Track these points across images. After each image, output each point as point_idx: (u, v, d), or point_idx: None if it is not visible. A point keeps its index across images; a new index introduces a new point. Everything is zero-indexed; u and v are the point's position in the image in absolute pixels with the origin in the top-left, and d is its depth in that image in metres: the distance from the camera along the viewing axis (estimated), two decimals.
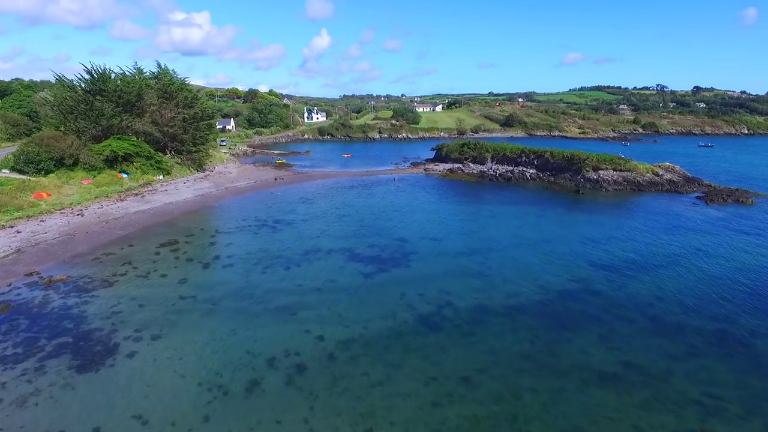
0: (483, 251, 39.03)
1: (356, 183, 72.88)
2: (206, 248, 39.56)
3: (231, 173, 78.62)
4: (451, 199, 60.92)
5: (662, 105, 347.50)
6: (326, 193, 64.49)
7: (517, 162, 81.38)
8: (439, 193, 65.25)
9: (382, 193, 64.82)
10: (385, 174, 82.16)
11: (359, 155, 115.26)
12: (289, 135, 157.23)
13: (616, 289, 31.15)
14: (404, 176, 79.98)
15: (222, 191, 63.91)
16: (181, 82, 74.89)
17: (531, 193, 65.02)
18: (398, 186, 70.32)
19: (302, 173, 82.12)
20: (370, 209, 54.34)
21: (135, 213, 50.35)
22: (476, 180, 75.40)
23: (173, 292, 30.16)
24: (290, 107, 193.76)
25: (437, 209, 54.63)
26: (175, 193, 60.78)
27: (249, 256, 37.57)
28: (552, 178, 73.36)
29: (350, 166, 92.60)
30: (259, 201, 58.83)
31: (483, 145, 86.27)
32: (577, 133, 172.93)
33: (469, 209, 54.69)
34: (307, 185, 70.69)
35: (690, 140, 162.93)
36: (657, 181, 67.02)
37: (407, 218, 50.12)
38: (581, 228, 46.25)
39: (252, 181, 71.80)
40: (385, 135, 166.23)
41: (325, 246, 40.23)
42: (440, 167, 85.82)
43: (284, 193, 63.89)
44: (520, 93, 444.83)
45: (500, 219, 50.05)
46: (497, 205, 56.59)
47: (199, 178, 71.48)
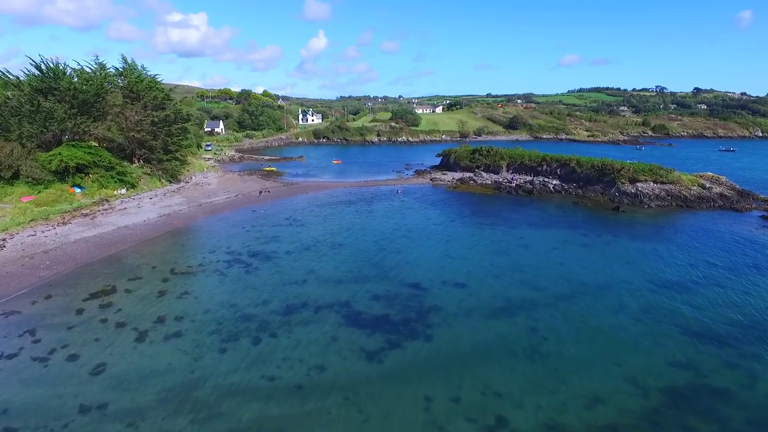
0: (528, 306, 28.32)
1: (354, 197, 62.09)
2: (150, 302, 28.59)
3: (210, 185, 67.62)
4: (468, 219, 50.19)
5: (663, 106, 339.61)
6: (319, 211, 53.64)
7: (537, 171, 70.81)
8: (452, 210, 54.52)
9: (386, 210, 54.06)
10: (387, 185, 71.44)
11: (357, 161, 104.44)
12: (282, 138, 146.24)
13: (745, 387, 20.53)
14: (409, 187, 69.28)
15: (194, 209, 52.94)
16: (151, 80, 63.76)
17: (561, 210, 54.38)
18: (403, 201, 59.58)
19: (293, 184, 71.24)
20: (372, 235, 43.56)
21: (75, 242, 39.35)
22: (492, 193, 64.70)
23: (73, 398, 19.24)
24: (284, 109, 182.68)
25: (454, 234, 43.89)
26: (136, 212, 49.76)
27: (206, 316, 26.71)
28: (580, 191, 62.81)
29: (347, 175, 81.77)
30: (236, 222, 47.93)
31: (497, 151, 75.64)
32: (586, 136, 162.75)
33: (493, 234, 43.99)
34: (296, 200, 59.81)
35: (706, 144, 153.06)
36: (706, 196, 56.53)
37: (419, 248, 39.37)
38: (643, 264, 35.58)
39: (233, 195, 60.82)
40: (384, 138, 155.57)
41: (314, 297, 29.39)
42: (449, 177, 75.13)
43: (269, 212, 53.00)
44: (518, 94, 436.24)
45: (536, 249, 39.36)
46: (526, 228, 45.92)
47: (170, 192, 60.45)
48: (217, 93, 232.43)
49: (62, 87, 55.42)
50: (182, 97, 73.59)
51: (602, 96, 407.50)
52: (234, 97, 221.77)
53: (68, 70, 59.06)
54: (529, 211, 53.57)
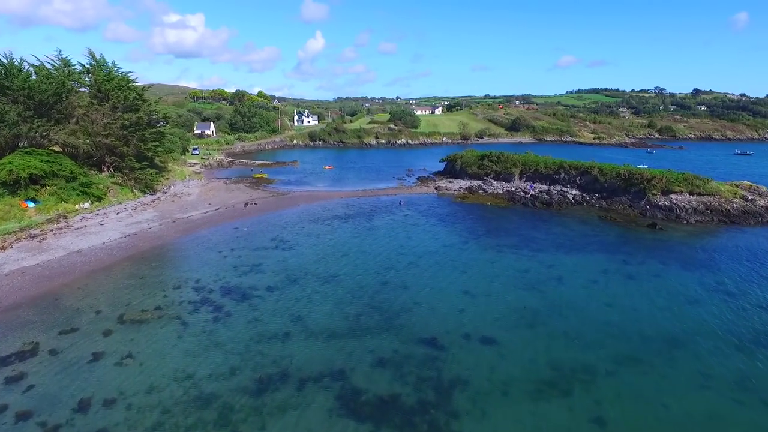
0: (583, 376, 20.97)
1: (351, 209, 54.73)
2: (77, 373, 21.10)
3: (190, 195, 60.06)
4: (483, 239, 42.87)
5: (663, 108, 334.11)
6: (311, 228, 46.26)
7: (553, 180, 63.60)
8: (464, 227, 47.24)
9: (387, 227, 46.73)
10: (388, 194, 64.10)
11: (354, 166, 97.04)
12: (275, 141, 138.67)
13: None
14: (412, 198, 61.97)
15: (166, 227, 45.44)
16: (122, 78, 56.10)
17: (588, 227, 47.16)
18: (407, 214, 52.25)
19: (283, 194, 63.78)
20: (373, 262, 36.19)
21: (8, 274, 31.81)
22: (505, 205, 57.41)
23: None
24: (279, 110, 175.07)
25: (470, 261, 36.55)
26: (97, 231, 42.22)
27: (149, 399, 19.23)
28: (604, 203, 55.61)
29: (343, 183, 74.38)
30: (213, 245, 40.49)
31: (508, 157, 68.36)
32: (591, 138, 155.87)
33: (516, 261, 36.69)
34: (286, 214, 52.37)
35: (717, 146, 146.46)
36: (751, 210, 49.41)
37: (431, 282, 32.06)
38: (712, 306, 28.31)
39: (214, 209, 53.30)
40: (383, 140, 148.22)
41: (298, 362, 21.96)
42: (455, 185, 67.84)
43: (254, 229, 45.59)
44: (516, 95, 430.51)
45: (572, 282, 32.11)
46: (554, 252, 38.63)
47: (142, 205, 52.89)
48: (210, 94, 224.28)
49: (16, 85, 47.80)
50: (158, 98, 65.75)
51: (601, 97, 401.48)
52: (228, 97, 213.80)
53: (25, 65, 51.49)
54: (552, 229, 46.32)
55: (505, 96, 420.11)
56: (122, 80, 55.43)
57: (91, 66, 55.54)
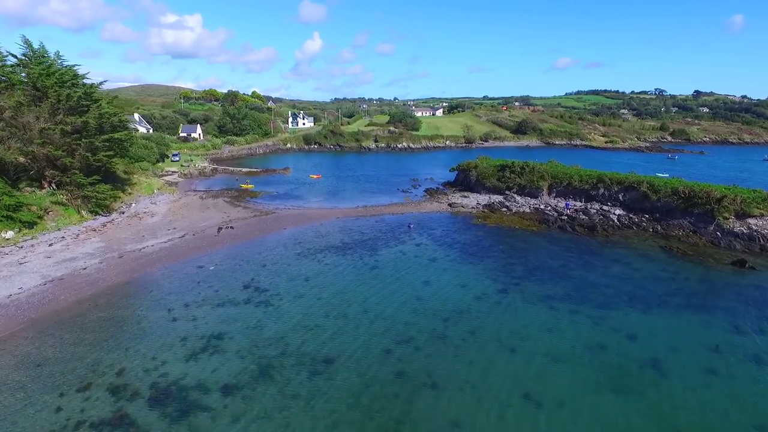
0: None
1: (350, 235, 43.75)
2: None
3: (154, 216, 48.84)
4: (525, 284, 31.90)
5: (665, 109, 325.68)
6: (297, 266, 35.21)
7: (590, 196, 52.78)
8: (494, 262, 36.31)
9: (396, 264, 35.76)
10: (393, 212, 53.10)
11: (352, 174, 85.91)
12: (267, 144, 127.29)
13: None
14: (422, 217, 51.05)
15: (109, 264, 34.27)
16: (66, 72, 44.75)
17: (654, 264, 36.22)
18: (419, 243, 41.30)
19: (268, 212, 52.64)
20: (382, 329, 25.19)
21: None
22: (538, 228, 46.48)
23: None
24: (272, 111, 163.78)
25: (518, 329, 25.53)
26: (9, 275, 31.01)
27: None
28: (658, 227, 44.82)
29: (340, 198, 63.30)
30: (162, 296, 29.40)
31: (534, 168, 57.35)
32: (603, 142, 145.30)
33: (583, 329, 25.77)
34: (268, 243, 41.30)
35: (738, 151, 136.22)
36: None
37: (470, 375, 21.08)
38: None
39: (178, 235, 42.13)
40: (383, 144, 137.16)
41: None
42: (472, 201, 56.90)
43: (224, 267, 34.53)
44: (515, 97, 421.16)
45: (680, 375, 21.18)
46: (627, 309, 27.72)
47: (88, 231, 41.66)
48: (202, 94, 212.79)
49: None
50: (112, 97, 53.96)
51: (601, 99, 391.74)
52: (220, 98, 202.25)
53: None
54: (609, 267, 35.43)
55: (504, 97, 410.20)
56: (64, 74, 44.07)
57: (26, 57, 44.27)
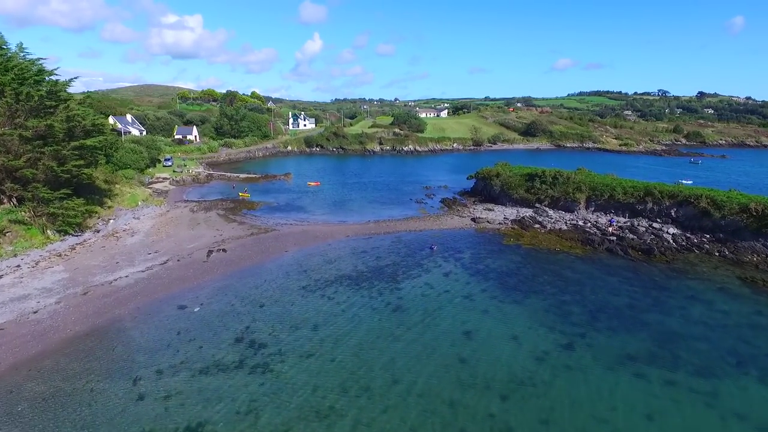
0: None
1: (363, 259, 36.68)
2: None
3: (134, 235, 41.67)
4: (592, 337, 24.89)
5: (669, 111, 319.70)
6: (301, 305, 28.11)
7: (635, 210, 45.77)
8: (543, 300, 29.27)
9: (424, 303, 28.68)
10: (410, 228, 46.01)
11: (359, 181, 78.75)
12: (267, 147, 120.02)
13: None
14: (444, 234, 44.01)
15: (68, 305, 27.15)
16: (27, 66, 37.52)
17: (741, 303, 29.19)
18: (447, 272, 34.24)
19: (267, 229, 45.51)
20: (419, 413, 18.12)
21: None
22: (582, 251, 39.33)
23: None
24: (272, 112, 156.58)
25: (610, 421, 18.58)
26: None
27: None
28: (725, 250, 37.76)
29: (348, 210, 56.16)
30: (129, 355, 22.28)
31: (569, 178, 50.22)
32: (617, 144, 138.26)
33: (694, 419, 18.91)
34: (266, 272, 34.17)
35: (760, 154, 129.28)
36: None
37: None
38: None
39: (159, 261, 34.97)
40: (388, 147, 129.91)
41: None
42: (498, 215, 49.83)
43: (211, 308, 27.48)
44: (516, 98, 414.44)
45: None
46: (737, 380, 20.83)
47: (51, 257, 34.51)
48: (200, 94, 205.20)
49: None
50: (84, 96, 46.39)
51: (604, 100, 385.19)
52: (218, 98, 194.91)
53: None
54: (688, 309, 28.39)
55: (506, 98, 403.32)
56: (26, 69, 36.81)
57: None
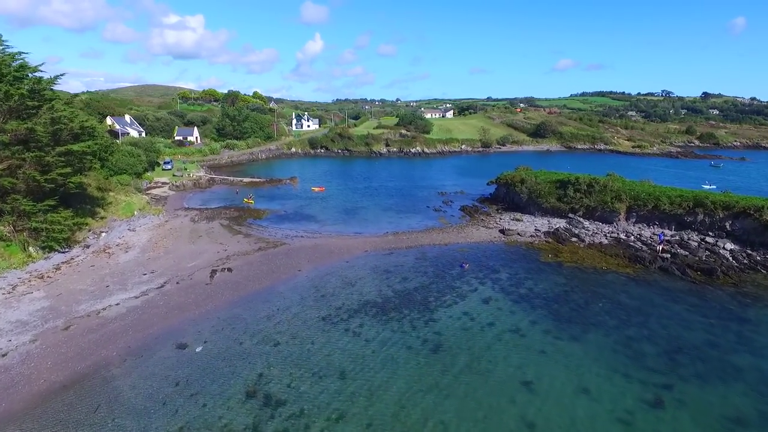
0: None
1: (388, 281, 32.06)
2: None
3: (129, 248, 37.00)
4: (684, 390, 20.31)
5: (674, 111, 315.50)
6: (321, 343, 23.50)
7: (683, 222, 41.17)
8: (607, 338, 24.66)
9: (466, 340, 24.08)
10: (433, 242, 41.33)
11: (370, 186, 74.08)
12: (270, 149, 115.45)
13: None
14: (472, 248, 39.38)
15: (48, 340, 22.52)
16: (3, 60, 32.84)
17: None
18: (486, 296, 29.66)
19: (276, 242, 40.85)
20: None
21: None
22: (633, 269, 34.68)
23: None
24: (275, 112, 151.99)
25: None
26: None
27: None
28: None
29: (361, 218, 51.50)
30: (118, 416, 17.71)
31: (605, 185, 45.54)
32: (630, 146, 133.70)
33: None
34: (277, 296, 29.52)
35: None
36: None
37: None
38: None
39: (156, 284, 30.30)
40: (394, 148, 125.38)
41: None
42: (528, 226, 45.22)
43: (216, 344, 22.86)
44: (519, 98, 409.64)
45: None
46: None
47: (31, 279, 29.88)
48: (201, 94, 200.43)
49: None
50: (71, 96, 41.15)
51: (607, 100, 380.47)
52: (220, 99, 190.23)
53: None
54: None
55: (508, 99, 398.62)
56: (2, 63, 32.12)
57: None
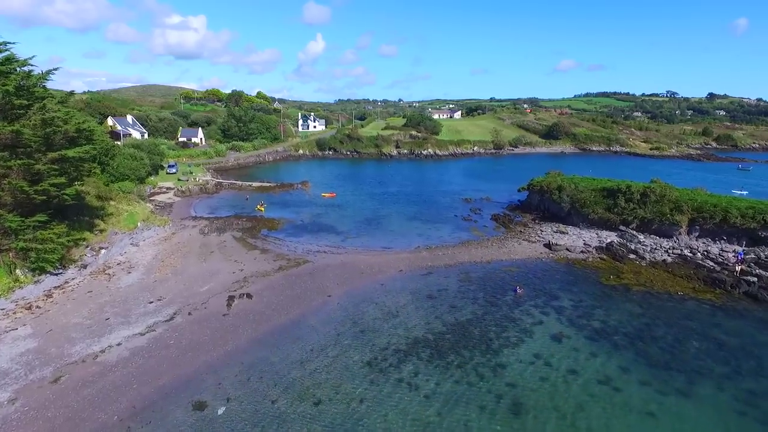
0: None
1: (434, 311, 27.22)
2: None
3: (133, 268, 32.14)
4: None
5: (680, 112, 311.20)
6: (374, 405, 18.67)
7: (756, 237, 36.35)
8: (724, 395, 19.94)
9: (549, 398, 19.26)
10: (474, 259, 36.45)
11: (387, 191, 69.18)
12: (278, 151, 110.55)
13: None
14: (518, 265, 34.57)
15: (30, 401, 17.73)
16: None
17: None
18: (554, 331, 24.88)
19: (298, 259, 35.96)
20: None
21: None
22: (713, 294, 29.90)
23: None
24: (281, 113, 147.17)
25: None
26: None
27: None
28: None
29: (385, 228, 46.60)
30: None
31: (663, 194, 40.68)
32: (648, 148, 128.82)
33: None
34: (309, 331, 24.66)
35: None
36: None
37: None
38: None
39: (165, 315, 25.43)
40: (405, 150, 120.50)
41: None
42: (574, 239, 40.38)
43: (241, 403, 18.03)
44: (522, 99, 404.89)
45: None
46: None
47: (18, 310, 25.02)
48: (204, 94, 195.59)
49: None
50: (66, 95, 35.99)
51: (612, 101, 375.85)
52: (223, 99, 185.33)
53: None
54: None
55: (511, 99, 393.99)
56: None
57: None
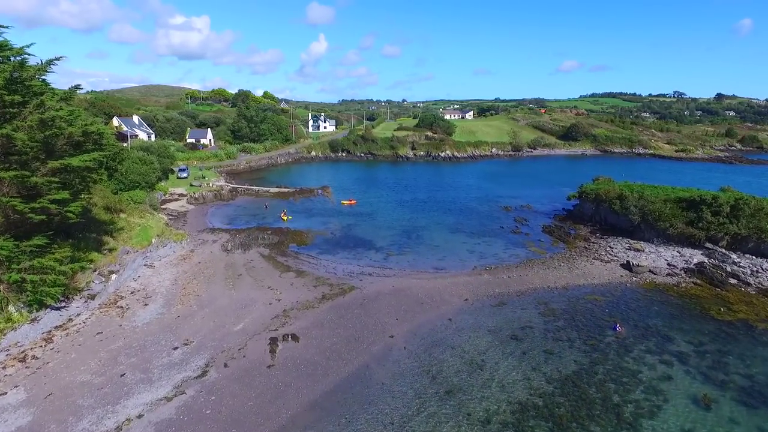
0: None
1: (525, 359, 21.56)
2: None
3: (149, 298, 26.51)
4: None
5: (689, 113, 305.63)
6: None
7: None
8: None
9: None
10: (545, 283, 30.85)
11: (415, 197, 63.40)
12: (290, 152, 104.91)
13: None
14: (599, 292, 29.02)
15: None
16: None
17: None
18: (679, 385, 19.25)
19: (342, 285, 30.33)
20: None
21: None
22: None
23: None
24: (290, 113, 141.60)
25: None
26: None
27: None
28: None
29: (426, 244, 40.72)
30: None
31: (757, 207, 35.02)
32: (672, 150, 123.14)
33: None
34: (376, 388, 19.08)
35: None
36: None
37: None
38: None
39: (195, 368, 19.71)
40: (421, 152, 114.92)
41: None
42: (654, 258, 34.65)
43: None
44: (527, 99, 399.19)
45: None
46: None
47: (9, 362, 19.55)
48: (209, 94, 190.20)
49: None
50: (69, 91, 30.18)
51: (618, 101, 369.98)
52: (230, 98, 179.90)
53: None
54: None
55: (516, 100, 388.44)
56: None
57: None
